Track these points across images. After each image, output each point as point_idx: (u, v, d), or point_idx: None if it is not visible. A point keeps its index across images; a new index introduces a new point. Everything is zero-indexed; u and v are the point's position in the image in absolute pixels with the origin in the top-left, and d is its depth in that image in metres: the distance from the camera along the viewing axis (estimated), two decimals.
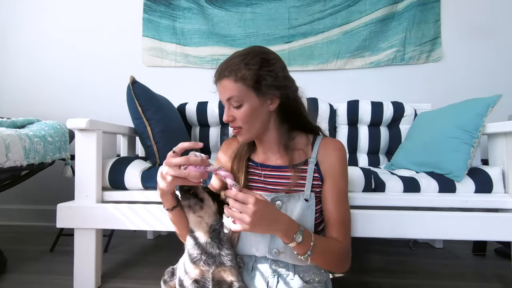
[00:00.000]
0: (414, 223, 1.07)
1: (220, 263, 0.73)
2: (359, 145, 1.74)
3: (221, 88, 0.80)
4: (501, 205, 1.11)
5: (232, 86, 0.76)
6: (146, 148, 1.33)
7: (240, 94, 0.77)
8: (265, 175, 0.87)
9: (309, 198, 0.81)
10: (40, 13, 2.23)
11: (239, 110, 0.78)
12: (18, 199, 2.18)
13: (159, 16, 2.18)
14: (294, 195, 0.82)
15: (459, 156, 1.13)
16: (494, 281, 1.27)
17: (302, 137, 0.89)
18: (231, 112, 0.79)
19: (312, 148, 0.87)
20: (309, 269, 0.82)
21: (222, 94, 0.80)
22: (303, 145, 0.88)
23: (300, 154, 0.86)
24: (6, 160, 1.11)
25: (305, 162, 0.86)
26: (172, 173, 0.68)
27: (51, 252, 1.59)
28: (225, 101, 0.80)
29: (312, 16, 2.11)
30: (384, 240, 1.76)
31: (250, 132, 0.82)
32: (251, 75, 0.76)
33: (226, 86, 0.77)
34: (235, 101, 0.77)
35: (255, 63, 0.76)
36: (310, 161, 0.85)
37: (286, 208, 0.81)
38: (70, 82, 2.21)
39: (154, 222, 1.15)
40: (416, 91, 2.04)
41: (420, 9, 2.04)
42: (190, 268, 0.73)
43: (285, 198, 0.81)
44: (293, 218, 0.76)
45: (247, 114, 0.78)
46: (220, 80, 0.79)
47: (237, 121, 0.80)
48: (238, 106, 0.78)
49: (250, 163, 0.90)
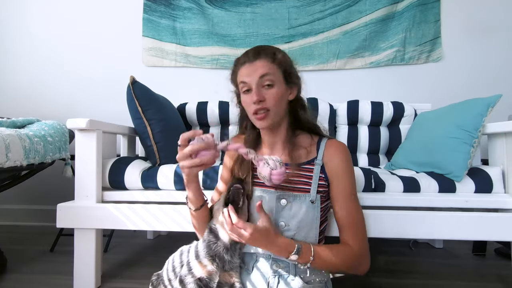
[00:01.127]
0: (414, 223, 1.07)
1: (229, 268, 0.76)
2: (359, 145, 1.74)
3: (253, 67, 0.81)
4: (501, 205, 1.10)
5: (269, 66, 0.81)
6: (146, 148, 1.33)
7: (274, 75, 0.81)
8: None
9: (314, 200, 0.82)
10: (40, 13, 2.23)
11: (270, 90, 0.81)
12: (18, 199, 2.18)
13: (159, 16, 2.18)
14: (299, 196, 0.82)
15: (459, 156, 1.13)
16: (494, 281, 1.27)
17: (305, 136, 0.91)
18: (262, 92, 0.80)
19: (318, 150, 0.88)
20: (309, 269, 0.82)
21: (256, 73, 0.80)
22: (307, 144, 0.89)
23: (304, 153, 0.88)
24: (6, 160, 1.11)
25: (310, 162, 0.87)
26: (186, 165, 0.71)
27: (51, 252, 1.59)
28: (256, 81, 0.80)
29: (312, 16, 2.11)
30: (384, 240, 1.76)
31: (275, 117, 0.83)
32: (285, 62, 0.84)
33: (262, 65, 0.81)
34: (268, 79, 0.80)
35: (285, 54, 0.86)
36: (316, 163, 0.86)
37: (291, 207, 0.82)
38: (70, 82, 2.21)
39: (154, 222, 1.15)
40: (416, 91, 2.04)
41: (420, 9, 2.04)
42: (196, 267, 0.73)
43: (291, 197, 0.82)
44: (298, 218, 0.80)
45: (278, 95, 0.81)
46: (254, 60, 0.81)
47: (268, 101, 0.80)
48: (270, 85, 0.80)
49: None
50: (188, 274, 0.74)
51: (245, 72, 0.82)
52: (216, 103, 1.78)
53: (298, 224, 0.81)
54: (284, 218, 0.81)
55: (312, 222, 0.82)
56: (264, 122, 0.82)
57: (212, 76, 2.16)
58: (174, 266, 0.81)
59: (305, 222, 0.81)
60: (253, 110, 0.81)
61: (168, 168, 1.22)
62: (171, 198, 1.19)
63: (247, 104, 0.83)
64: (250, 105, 0.82)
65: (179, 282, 0.75)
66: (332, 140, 0.90)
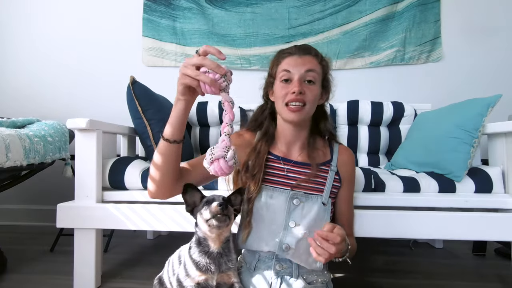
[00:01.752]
0: (414, 223, 1.07)
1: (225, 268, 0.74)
2: (359, 145, 1.74)
3: (302, 60, 0.83)
4: (501, 205, 1.10)
5: (316, 64, 0.84)
6: (146, 148, 1.34)
7: (317, 75, 0.84)
8: (288, 169, 0.87)
9: (326, 202, 0.84)
10: (40, 13, 2.23)
11: (311, 86, 0.83)
12: (18, 199, 2.18)
13: (159, 16, 2.18)
14: (312, 197, 0.83)
15: (459, 156, 1.13)
16: (494, 281, 1.28)
17: (320, 140, 0.94)
18: (304, 86, 0.82)
19: (332, 154, 0.92)
20: (312, 270, 0.82)
21: (303, 66, 0.82)
22: (322, 146, 0.92)
23: (321, 154, 0.91)
24: (6, 160, 1.11)
25: (325, 163, 0.89)
26: (184, 71, 0.61)
27: (51, 252, 1.59)
28: (301, 73, 0.82)
29: (312, 16, 2.11)
30: (384, 240, 1.76)
31: (308, 113, 0.85)
32: (327, 68, 0.89)
33: (311, 61, 0.84)
34: (312, 76, 0.83)
35: (329, 62, 0.90)
36: (331, 168, 0.88)
37: (303, 207, 0.82)
38: (70, 82, 2.21)
39: (154, 222, 1.15)
40: (416, 91, 2.04)
41: (420, 9, 2.04)
42: (193, 273, 0.72)
43: (304, 197, 0.83)
44: (309, 219, 0.81)
45: (316, 93, 0.84)
46: (305, 54, 0.84)
47: (307, 95, 0.82)
48: (311, 82, 0.83)
49: (270, 156, 0.89)
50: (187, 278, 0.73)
51: (292, 62, 0.83)
52: (216, 103, 1.78)
53: (308, 224, 0.80)
54: (295, 218, 0.81)
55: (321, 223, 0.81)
56: (297, 114, 0.82)
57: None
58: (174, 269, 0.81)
59: (314, 222, 0.81)
60: (288, 100, 0.81)
61: None
62: (171, 198, 1.19)
63: (283, 93, 0.83)
64: (286, 95, 0.82)
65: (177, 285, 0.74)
66: (343, 146, 0.95)
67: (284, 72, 0.83)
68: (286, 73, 0.83)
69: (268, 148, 0.89)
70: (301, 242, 0.79)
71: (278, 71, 0.85)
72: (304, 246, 0.78)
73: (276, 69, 0.87)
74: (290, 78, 0.82)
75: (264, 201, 0.82)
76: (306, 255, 0.79)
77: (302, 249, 0.79)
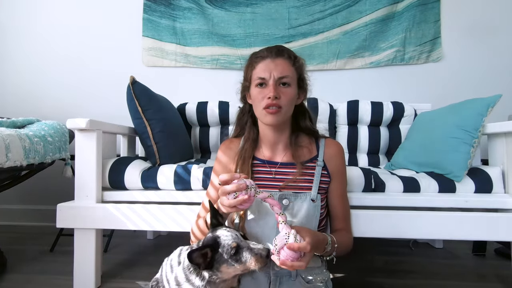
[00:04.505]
0: (414, 223, 1.07)
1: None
2: (359, 145, 1.74)
3: (274, 64, 0.83)
4: (501, 205, 1.10)
5: (289, 68, 0.84)
6: (146, 148, 1.33)
7: (292, 77, 0.85)
8: (275, 171, 0.88)
9: (315, 199, 0.84)
10: (40, 13, 2.23)
11: (286, 89, 0.83)
12: (18, 199, 2.18)
13: (159, 16, 2.18)
14: (301, 195, 0.84)
15: (459, 156, 1.13)
16: (494, 281, 1.27)
17: (304, 137, 0.94)
18: (279, 89, 0.82)
19: (318, 149, 0.91)
20: (311, 269, 0.83)
21: (276, 70, 0.83)
22: (307, 143, 0.93)
23: (306, 152, 0.91)
24: (6, 160, 1.11)
25: (311, 160, 0.89)
26: (225, 203, 0.71)
27: (51, 252, 1.59)
28: (275, 78, 0.82)
29: (312, 16, 2.11)
30: (384, 240, 1.76)
31: (285, 115, 0.85)
32: (302, 68, 0.89)
33: (283, 65, 0.84)
34: (286, 79, 0.83)
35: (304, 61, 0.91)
36: (318, 164, 0.88)
37: (293, 206, 0.83)
38: (70, 82, 2.21)
39: (154, 222, 1.15)
40: (416, 91, 2.04)
41: (420, 9, 2.04)
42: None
43: (292, 197, 0.83)
44: (300, 217, 0.81)
45: (291, 96, 0.84)
46: (277, 57, 0.84)
47: (283, 99, 0.82)
48: (287, 84, 0.83)
49: (255, 161, 0.91)
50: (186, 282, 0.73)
51: (265, 67, 0.83)
52: (216, 103, 1.78)
53: (299, 222, 0.81)
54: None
55: (312, 220, 0.83)
56: (274, 117, 0.83)
57: (212, 76, 2.16)
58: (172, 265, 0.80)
59: (306, 220, 0.82)
60: (265, 105, 0.82)
61: (168, 168, 1.22)
62: (171, 198, 1.19)
63: (259, 98, 0.83)
64: (263, 100, 0.82)
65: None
66: (329, 140, 0.94)
67: (259, 77, 0.84)
68: (261, 79, 0.83)
69: (252, 153, 0.90)
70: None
71: (253, 76, 0.86)
72: None
73: (251, 73, 0.87)
74: (265, 83, 0.83)
75: (255, 206, 0.82)
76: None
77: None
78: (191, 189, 1.19)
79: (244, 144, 0.92)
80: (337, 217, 0.92)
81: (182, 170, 1.20)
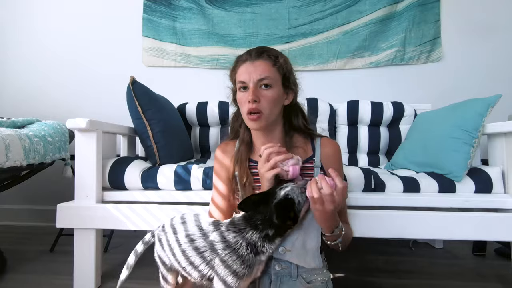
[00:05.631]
0: (414, 223, 1.07)
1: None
2: (359, 145, 1.74)
3: (253, 67, 0.82)
4: (501, 205, 1.11)
5: (269, 69, 0.83)
6: (146, 148, 1.33)
7: (273, 78, 0.83)
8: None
9: None
10: (40, 13, 2.23)
11: (266, 91, 0.82)
12: (18, 199, 2.18)
13: (159, 16, 2.18)
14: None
15: (459, 156, 1.13)
16: (494, 281, 1.27)
17: (299, 137, 0.93)
18: (258, 92, 0.81)
19: (314, 149, 0.90)
20: (311, 269, 0.82)
21: (255, 73, 0.82)
22: (302, 143, 0.92)
23: (301, 152, 0.89)
24: (6, 160, 1.11)
25: (308, 160, 0.89)
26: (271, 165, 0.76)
27: (51, 252, 1.59)
28: (254, 81, 0.82)
29: (312, 16, 2.11)
30: (384, 240, 1.76)
31: (268, 119, 0.84)
32: (286, 67, 0.86)
33: (263, 66, 0.82)
34: (266, 81, 0.82)
35: (287, 60, 0.88)
36: (315, 165, 0.88)
37: None
38: (70, 82, 2.21)
39: (154, 222, 1.15)
40: (416, 91, 2.04)
41: (420, 9, 2.04)
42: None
43: None
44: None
45: (273, 98, 0.82)
46: (256, 59, 0.83)
47: (262, 103, 0.81)
48: (267, 86, 0.82)
49: (251, 163, 0.91)
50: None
51: (244, 70, 0.83)
52: (216, 103, 1.78)
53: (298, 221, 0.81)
54: None
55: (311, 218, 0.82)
56: (256, 123, 0.83)
57: (212, 76, 2.16)
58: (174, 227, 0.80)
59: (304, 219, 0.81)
60: (246, 110, 0.82)
61: (168, 168, 1.22)
62: (171, 198, 1.20)
63: (242, 102, 0.84)
64: (245, 104, 0.82)
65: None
66: (325, 139, 0.93)
67: (240, 81, 0.84)
68: (241, 83, 0.84)
69: (247, 155, 0.90)
70: (297, 242, 0.79)
71: (236, 80, 0.86)
72: (301, 246, 0.79)
73: (234, 77, 0.88)
74: (246, 86, 0.83)
75: None
76: (304, 254, 0.79)
77: (299, 249, 0.79)
78: (191, 189, 1.19)
79: (239, 147, 0.92)
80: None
81: (182, 170, 1.20)
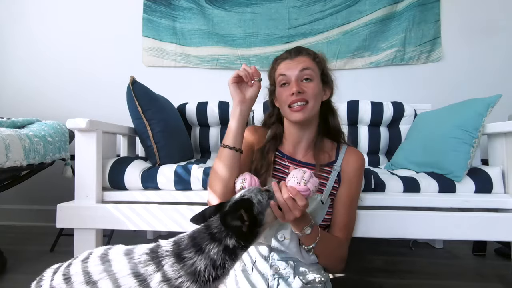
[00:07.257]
0: (414, 223, 1.07)
1: None
2: (359, 145, 1.74)
3: (294, 62, 0.86)
4: (501, 205, 1.10)
5: (310, 62, 0.87)
6: (146, 148, 1.33)
7: (314, 71, 0.86)
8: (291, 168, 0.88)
9: (325, 201, 0.85)
10: (40, 14, 2.23)
11: (309, 84, 0.85)
12: (18, 199, 2.18)
13: (159, 16, 2.18)
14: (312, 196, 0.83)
15: (459, 156, 1.13)
16: (494, 281, 1.28)
17: (328, 141, 0.95)
18: (301, 85, 0.84)
19: (337, 155, 0.92)
20: (309, 270, 0.82)
21: (296, 67, 0.85)
22: (329, 149, 0.93)
23: (327, 157, 0.92)
24: (6, 160, 1.11)
25: (328, 164, 0.90)
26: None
27: (51, 252, 1.59)
28: (296, 73, 0.84)
29: (312, 16, 2.11)
30: (384, 240, 1.76)
31: (312, 111, 0.85)
32: (324, 63, 0.91)
33: (305, 60, 0.86)
34: (308, 74, 0.85)
35: (325, 56, 0.94)
36: (334, 168, 0.89)
37: None
38: (70, 82, 2.21)
39: (154, 222, 1.15)
40: (416, 91, 2.04)
41: (420, 9, 2.04)
42: None
43: None
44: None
45: (316, 90, 0.85)
46: (297, 55, 0.87)
47: (307, 93, 0.83)
48: (308, 79, 0.85)
49: (277, 153, 0.93)
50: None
51: (286, 66, 0.86)
52: (216, 103, 1.78)
53: None
54: None
55: (316, 220, 0.83)
56: (300, 114, 0.84)
57: (212, 76, 2.16)
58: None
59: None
60: (289, 102, 0.84)
61: (168, 168, 1.22)
62: (171, 198, 1.19)
63: (284, 97, 0.86)
64: (288, 98, 0.84)
65: None
66: (352, 148, 0.94)
67: (281, 76, 0.86)
68: (283, 77, 0.86)
69: (275, 149, 0.92)
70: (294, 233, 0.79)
71: (276, 77, 0.89)
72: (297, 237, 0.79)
73: (274, 76, 0.90)
74: (287, 81, 0.85)
75: None
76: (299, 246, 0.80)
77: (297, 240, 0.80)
78: (191, 189, 1.19)
79: (269, 140, 0.94)
80: (335, 223, 0.88)
81: (182, 170, 1.20)
